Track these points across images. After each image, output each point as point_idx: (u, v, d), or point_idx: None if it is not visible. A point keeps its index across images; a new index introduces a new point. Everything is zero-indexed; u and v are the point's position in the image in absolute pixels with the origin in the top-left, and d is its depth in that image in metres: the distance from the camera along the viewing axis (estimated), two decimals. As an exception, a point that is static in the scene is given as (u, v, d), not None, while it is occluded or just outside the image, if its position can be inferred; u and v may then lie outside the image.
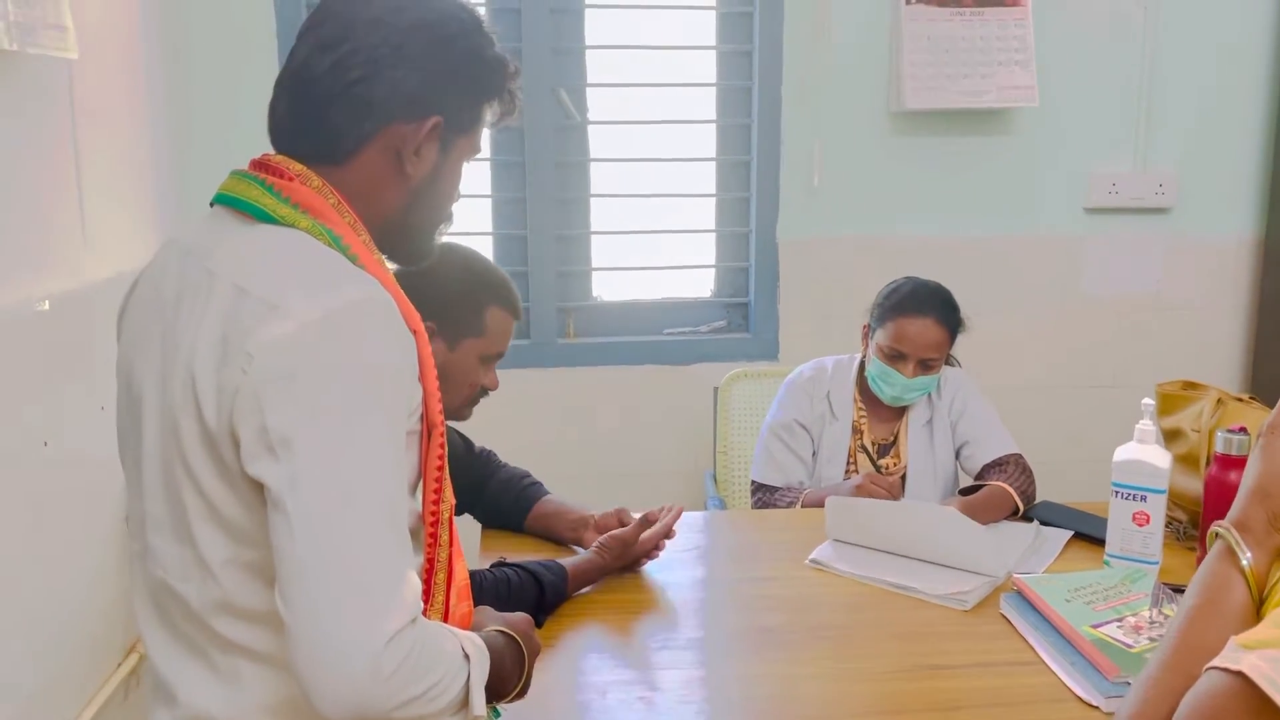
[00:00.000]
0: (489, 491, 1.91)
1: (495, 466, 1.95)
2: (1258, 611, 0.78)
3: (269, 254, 0.96)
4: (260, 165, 1.02)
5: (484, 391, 1.70)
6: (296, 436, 0.88)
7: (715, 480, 2.61)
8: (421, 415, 1.00)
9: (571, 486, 1.96)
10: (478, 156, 1.14)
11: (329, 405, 0.89)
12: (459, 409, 1.69)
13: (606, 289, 2.91)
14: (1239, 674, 0.71)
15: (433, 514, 1.02)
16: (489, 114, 1.09)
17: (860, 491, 2.00)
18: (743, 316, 2.94)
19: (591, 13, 2.75)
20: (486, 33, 1.07)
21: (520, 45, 2.69)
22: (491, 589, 1.54)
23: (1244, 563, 0.87)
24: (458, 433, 1.91)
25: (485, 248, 2.82)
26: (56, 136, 1.86)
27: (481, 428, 1.93)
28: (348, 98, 1.00)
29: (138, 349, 1.01)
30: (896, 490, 2.03)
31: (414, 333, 0.98)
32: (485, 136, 1.14)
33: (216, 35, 2.47)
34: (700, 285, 2.96)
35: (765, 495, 2.20)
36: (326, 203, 0.99)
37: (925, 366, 2.11)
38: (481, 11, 1.09)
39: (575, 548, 1.81)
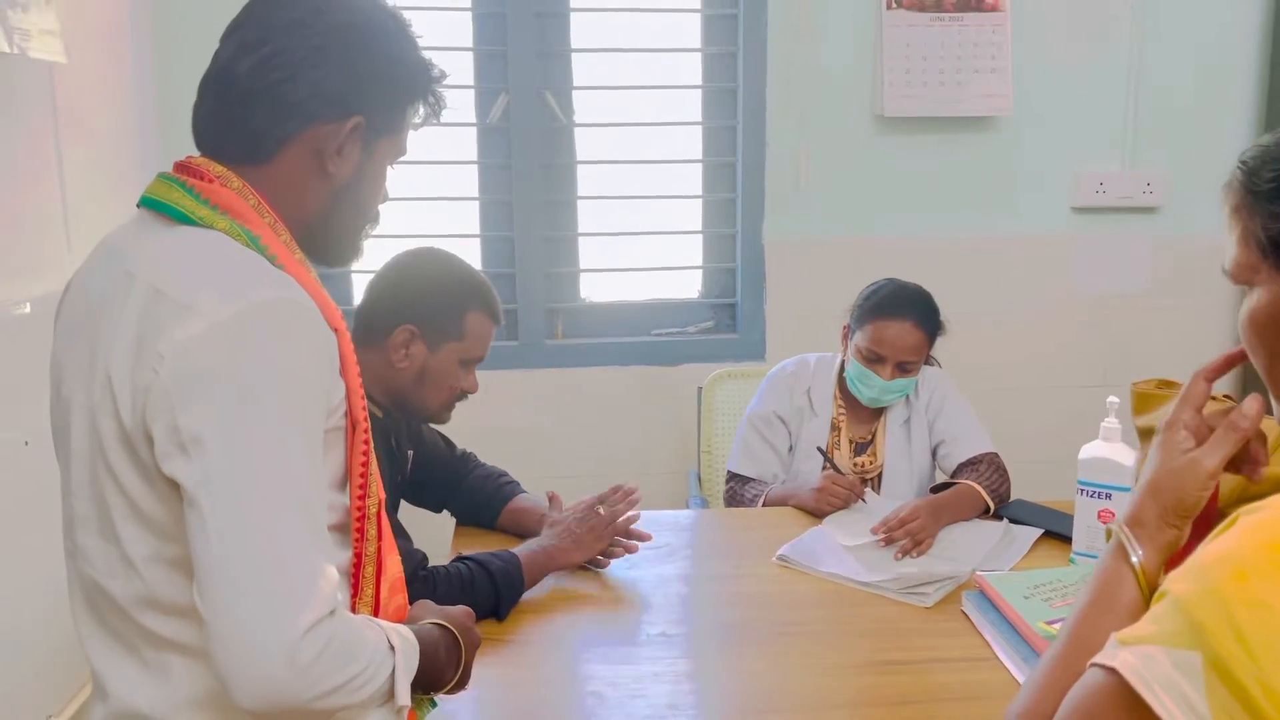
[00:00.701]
0: (464, 488, 1.93)
1: (474, 465, 1.98)
2: (1147, 607, 0.79)
3: (184, 255, 0.97)
4: (182, 168, 1.03)
5: (463, 395, 1.73)
6: (207, 435, 0.89)
7: (700, 480, 2.63)
8: (345, 412, 1.01)
9: (558, 486, 1.98)
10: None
11: (239, 404, 0.90)
12: (438, 411, 1.73)
13: (594, 290, 2.94)
14: (1113, 670, 0.72)
15: (358, 509, 1.04)
16: (413, 115, 1.10)
17: (819, 495, 2.02)
18: (730, 317, 2.95)
19: (577, 16, 2.77)
20: (410, 35, 1.08)
21: (506, 49, 2.72)
22: (445, 582, 1.56)
23: (1134, 560, 0.88)
24: (439, 434, 1.95)
25: (473, 250, 2.85)
26: (40, 140, 1.90)
27: (469, 428, 1.95)
28: (269, 98, 1.01)
29: (67, 350, 1.03)
30: (857, 489, 2.03)
31: (335, 331, 1.00)
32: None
33: (203, 42, 2.50)
34: (688, 286, 2.98)
35: (737, 485, 2.22)
36: (246, 204, 1.01)
37: (903, 369, 2.11)
38: (406, 14, 1.10)
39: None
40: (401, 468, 1.77)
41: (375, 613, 1.06)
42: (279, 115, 1.02)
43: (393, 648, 0.98)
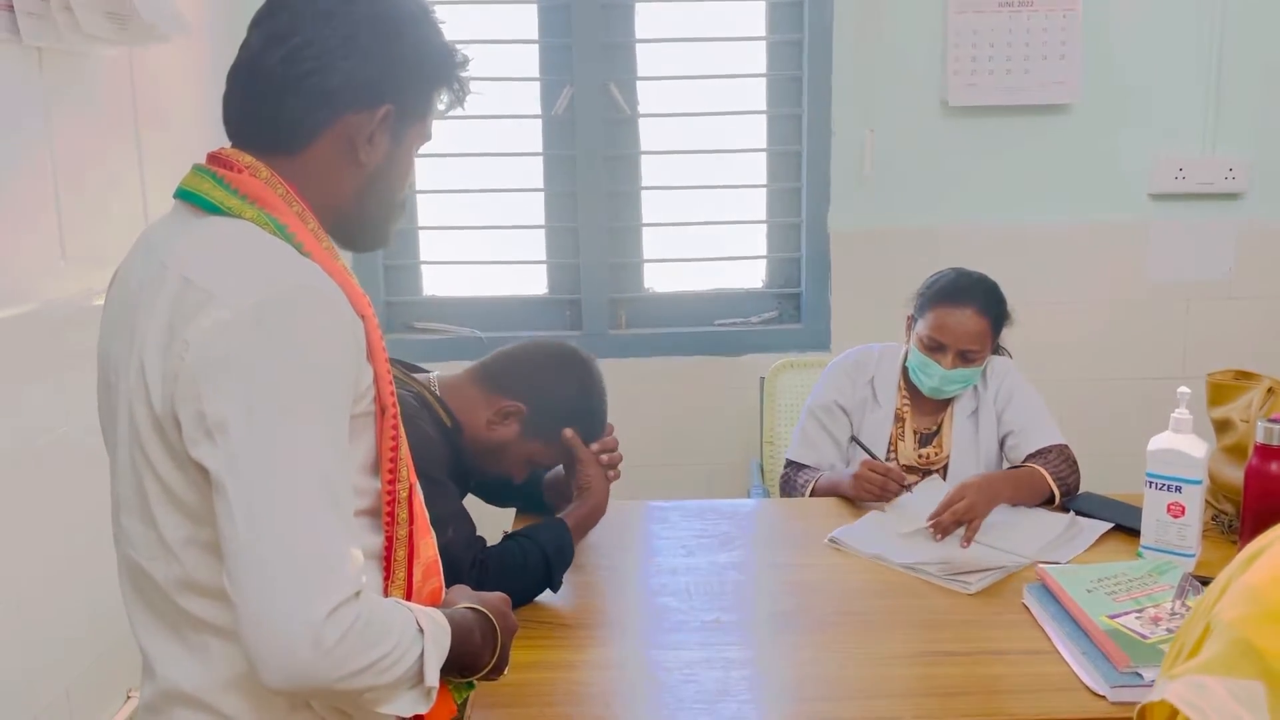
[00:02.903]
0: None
1: None
2: None
3: (212, 244, 1.00)
4: (214, 158, 1.06)
5: (509, 478, 1.77)
6: (231, 421, 0.91)
7: (762, 470, 2.62)
8: (374, 397, 1.03)
9: (621, 475, 1.98)
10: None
11: (263, 390, 0.92)
12: (484, 471, 1.76)
13: (658, 280, 2.94)
14: (1161, 704, 0.68)
15: (389, 493, 1.05)
16: (439, 102, 1.12)
17: (855, 481, 2.00)
18: (794, 307, 2.94)
19: (641, 6, 2.78)
20: (434, 22, 1.10)
21: (571, 40, 2.74)
22: (497, 560, 1.58)
23: None
24: None
25: (537, 241, 2.88)
26: (120, 130, 1.97)
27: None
28: (301, 89, 1.02)
29: (111, 338, 1.06)
30: (896, 475, 1.99)
31: (363, 317, 1.00)
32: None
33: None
34: (751, 276, 2.97)
35: (791, 472, 2.21)
36: (274, 193, 1.02)
37: (965, 358, 2.07)
38: (429, 2, 1.11)
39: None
40: (471, 472, 1.79)
41: (408, 596, 1.07)
42: (311, 105, 1.03)
43: (421, 630, 0.99)
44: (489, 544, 1.62)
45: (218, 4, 2.42)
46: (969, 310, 2.06)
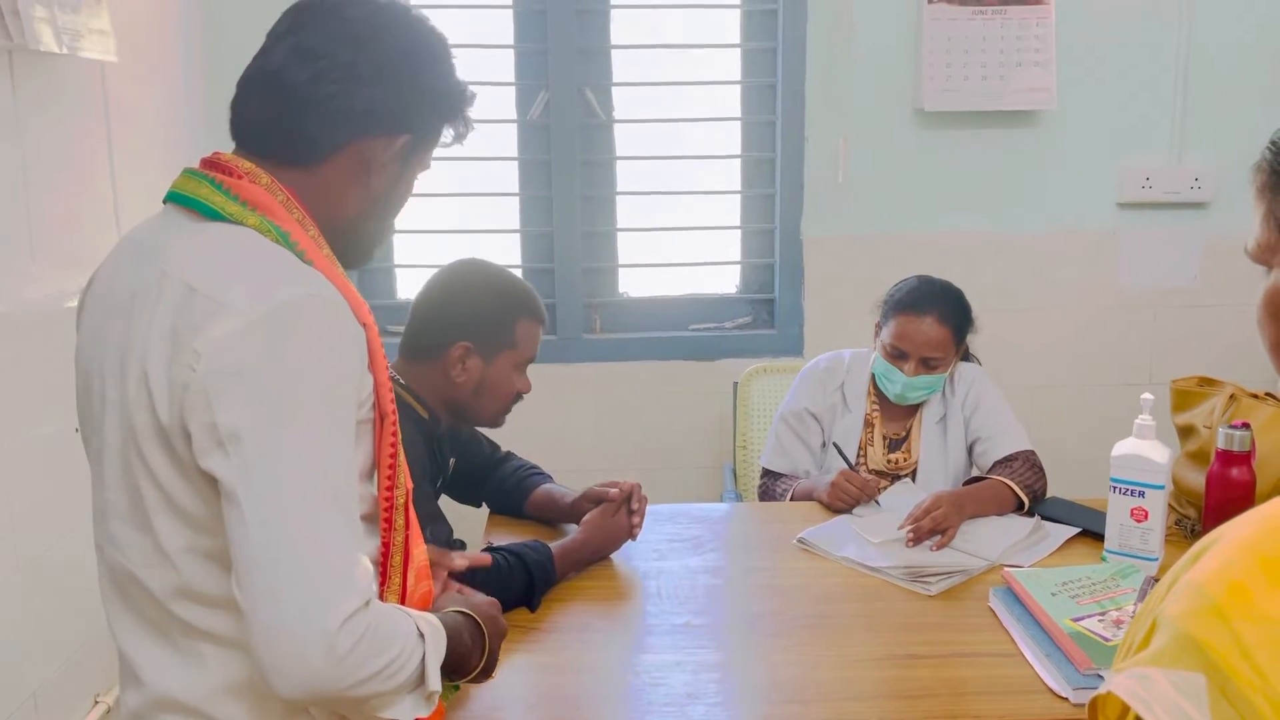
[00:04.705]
0: (495, 478, 1.97)
1: (508, 459, 2.02)
2: None
3: (217, 251, 1.00)
4: (210, 164, 1.06)
5: (519, 396, 1.79)
6: (245, 431, 0.92)
7: (735, 475, 2.63)
8: (374, 404, 1.04)
9: (595, 480, 1.98)
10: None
11: (275, 399, 0.93)
12: (496, 416, 1.79)
13: (633, 285, 2.95)
14: (1108, 697, 0.70)
15: (386, 500, 1.06)
16: (445, 135, 1.15)
17: (833, 489, 2.02)
18: (768, 312, 2.95)
19: (617, 12, 2.79)
20: (452, 59, 1.13)
21: (546, 45, 2.75)
22: (483, 572, 1.59)
23: None
24: (483, 436, 2.01)
25: (513, 245, 2.88)
26: (91, 138, 1.96)
27: (508, 422, 1.97)
28: (325, 108, 1.04)
29: (96, 344, 1.06)
30: (870, 487, 2.02)
31: (364, 325, 1.01)
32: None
33: (252, 39, 2.56)
34: (726, 282, 2.98)
35: (769, 481, 2.23)
36: (275, 200, 1.03)
37: (927, 365, 2.10)
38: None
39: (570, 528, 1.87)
40: (443, 470, 1.81)
41: (402, 599, 1.08)
42: (332, 125, 1.05)
43: (422, 635, 1.01)
44: (467, 548, 1.63)
45: (190, 11, 2.42)
46: (930, 319, 2.08)
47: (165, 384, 0.95)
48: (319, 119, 1.05)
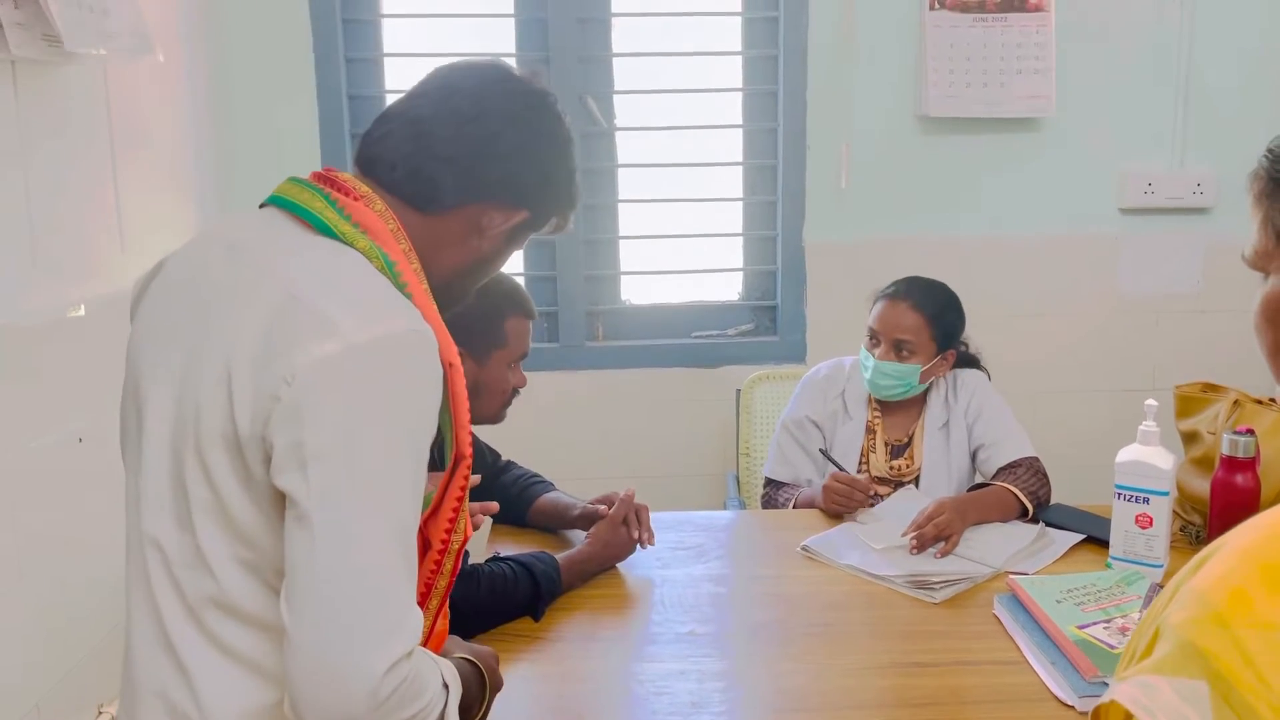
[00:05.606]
0: (497, 487, 1.97)
1: (509, 468, 2.02)
2: None
3: (326, 269, 0.99)
4: (325, 179, 1.06)
5: (516, 392, 1.80)
6: (329, 455, 0.90)
7: (738, 482, 2.63)
8: (441, 445, 1.03)
9: (597, 487, 1.99)
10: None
11: (365, 428, 0.92)
12: (496, 414, 1.80)
13: (635, 293, 2.95)
14: (1112, 705, 0.70)
15: (443, 542, 1.05)
16: (549, 224, 1.19)
17: (825, 494, 2.02)
18: (770, 319, 2.95)
19: (618, 21, 2.79)
20: (576, 159, 1.18)
21: (548, 54, 2.75)
22: (488, 580, 1.59)
23: None
24: (484, 445, 2.01)
25: (515, 252, 2.88)
26: (94, 142, 1.96)
27: (509, 429, 1.97)
28: (461, 167, 1.08)
29: (156, 333, 1.04)
30: (861, 487, 2.02)
31: (448, 365, 1.01)
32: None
33: (255, 43, 2.57)
34: (728, 289, 2.98)
35: (772, 490, 2.22)
36: (386, 227, 1.04)
37: (898, 350, 2.10)
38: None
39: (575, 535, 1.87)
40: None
41: (426, 639, 1.07)
42: (465, 184, 1.08)
43: (446, 686, 1.01)
44: (472, 559, 1.63)
45: (193, 20, 2.42)
46: (905, 304, 2.11)
47: (250, 389, 0.93)
48: (454, 175, 1.08)
